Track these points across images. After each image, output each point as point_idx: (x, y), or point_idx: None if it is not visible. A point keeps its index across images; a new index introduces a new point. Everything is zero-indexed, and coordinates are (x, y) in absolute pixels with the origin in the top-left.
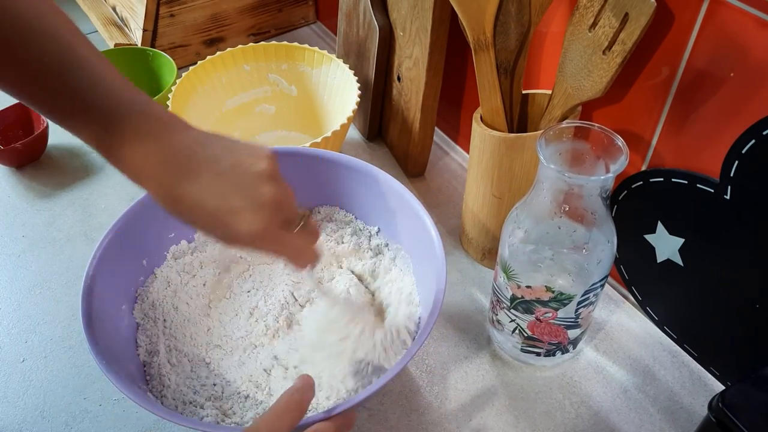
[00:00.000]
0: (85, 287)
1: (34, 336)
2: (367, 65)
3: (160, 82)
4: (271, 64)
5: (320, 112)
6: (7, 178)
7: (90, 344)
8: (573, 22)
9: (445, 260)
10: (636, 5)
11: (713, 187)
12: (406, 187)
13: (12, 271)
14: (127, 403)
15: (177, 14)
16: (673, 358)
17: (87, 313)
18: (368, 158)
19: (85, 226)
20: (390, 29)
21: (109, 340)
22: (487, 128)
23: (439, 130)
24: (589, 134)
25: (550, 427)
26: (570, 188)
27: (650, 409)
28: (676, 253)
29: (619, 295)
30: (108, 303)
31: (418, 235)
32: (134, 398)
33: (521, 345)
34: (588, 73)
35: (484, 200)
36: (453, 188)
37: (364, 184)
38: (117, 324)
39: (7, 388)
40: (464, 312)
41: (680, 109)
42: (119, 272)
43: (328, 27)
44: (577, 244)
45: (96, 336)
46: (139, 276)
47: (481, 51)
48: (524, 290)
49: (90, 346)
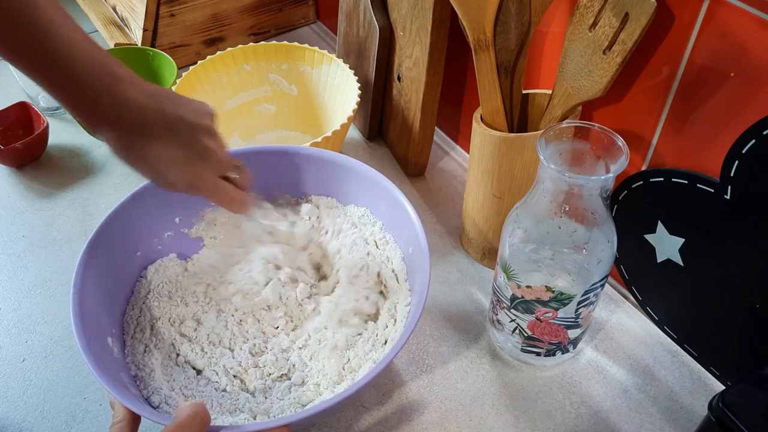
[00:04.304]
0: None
1: (34, 336)
2: (367, 65)
3: (160, 81)
4: (271, 63)
5: (320, 111)
6: (7, 178)
7: (85, 353)
8: (573, 21)
9: (428, 251)
10: (636, 5)
11: (713, 187)
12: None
13: (12, 271)
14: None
15: (177, 14)
16: (673, 358)
17: (78, 312)
18: (368, 158)
19: (85, 226)
20: (390, 29)
21: (101, 350)
22: (487, 128)
23: (439, 130)
24: (589, 134)
25: (550, 427)
26: (570, 188)
27: (650, 409)
28: (676, 253)
29: (619, 295)
30: (98, 309)
31: (401, 219)
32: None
33: (521, 345)
34: (588, 73)
35: (484, 200)
36: (453, 188)
37: (351, 177)
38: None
39: (7, 388)
40: (464, 312)
41: (680, 108)
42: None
43: (328, 27)
44: (577, 244)
45: (90, 346)
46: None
47: (481, 51)
48: (524, 290)
49: (85, 355)
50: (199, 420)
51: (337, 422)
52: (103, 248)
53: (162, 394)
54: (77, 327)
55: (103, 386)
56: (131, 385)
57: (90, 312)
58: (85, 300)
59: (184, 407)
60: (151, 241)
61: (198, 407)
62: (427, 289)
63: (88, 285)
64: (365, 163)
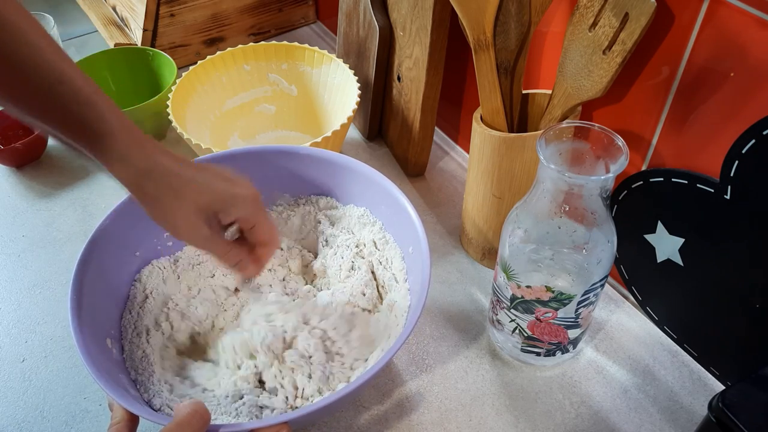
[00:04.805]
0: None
1: (34, 336)
2: (367, 65)
3: (160, 82)
4: (271, 63)
5: (320, 111)
6: (7, 178)
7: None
8: (573, 21)
9: (429, 255)
10: (636, 5)
11: (713, 187)
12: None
13: (12, 271)
14: None
15: (177, 14)
16: (673, 358)
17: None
18: (368, 158)
19: (85, 226)
20: (390, 29)
21: (100, 352)
22: (487, 128)
23: (439, 130)
24: (589, 134)
25: (550, 427)
26: (570, 188)
27: (650, 409)
28: (676, 253)
29: (619, 295)
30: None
31: (404, 223)
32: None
33: (521, 345)
34: (588, 73)
35: (484, 200)
36: (453, 188)
37: (351, 177)
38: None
39: (7, 388)
40: (464, 312)
41: (680, 108)
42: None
43: (328, 27)
44: (577, 244)
45: (88, 348)
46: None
47: (481, 51)
48: (524, 290)
49: (82, 355)
50: (198, 418)
51: (336, 422)
52: (102, 249)
53: (163, 397)
54: (75, 328)
55: (101, 387)
56: (131, 386)
57: (89, 313)
58: (83, 301)
59: (184, 405)
60: (151, 242)
61: (198, 405)
62: (427, 289)
63: (86, 286)
64: (365, 163)
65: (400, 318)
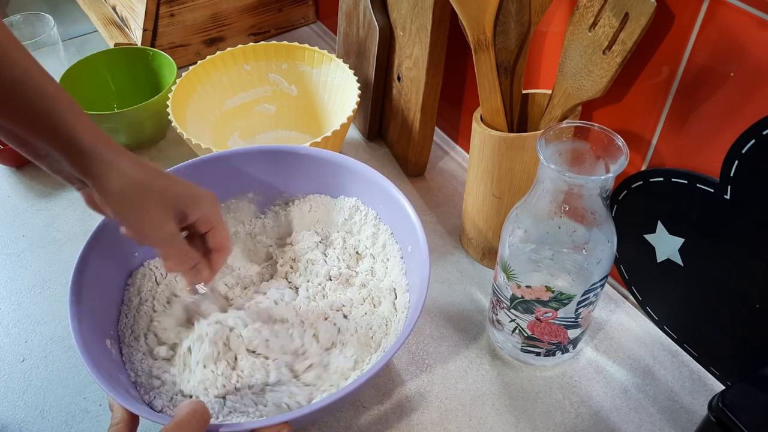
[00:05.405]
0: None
1: (34, 336)
2: (367, 65)
3: (160, 81)
4: (271, 63)
5: (320, 111)
6: (7, 178)
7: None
8: (573, 21)
9: (428, 254)
10: (636, 5)
11: (713, 187)
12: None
13: (12, 271)
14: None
15: (177, 14)
16: (673, 358)
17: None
18: (368, 158)
19: (85, 226)
20: (390, 29)
21: (101, 355)
22: (487, 128)
23: (439, 130)
24: (589, 134)
25: (550, 427)
26: (570, 188)
27: (650, 409)
28: (676, 253)
29: (619, 295)
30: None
31: (403, 222)
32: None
33: (521, 345)
34: (588, 73)
35: (484, 200)
36: (453, 188)
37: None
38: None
39: (7, 388)
40: (464, 312)
41: (680, 108)
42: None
43: (328, 27)
44: (577, 243)
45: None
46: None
47: (481, 51)
48: (524, 290)
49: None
50: (198, 417)
51: (336, 422)
52: (101, 249)
53: (164, 398)
54: (75, 328)
55: (101, 387)
56: (131, 387)
57: (88, 313)
58: (83, 301)
59: (184, 405)
60: None
61: (198, 405)
62: (427, 289)
63: (86, 286)
64: (365, 163)
65: (400, 318)
